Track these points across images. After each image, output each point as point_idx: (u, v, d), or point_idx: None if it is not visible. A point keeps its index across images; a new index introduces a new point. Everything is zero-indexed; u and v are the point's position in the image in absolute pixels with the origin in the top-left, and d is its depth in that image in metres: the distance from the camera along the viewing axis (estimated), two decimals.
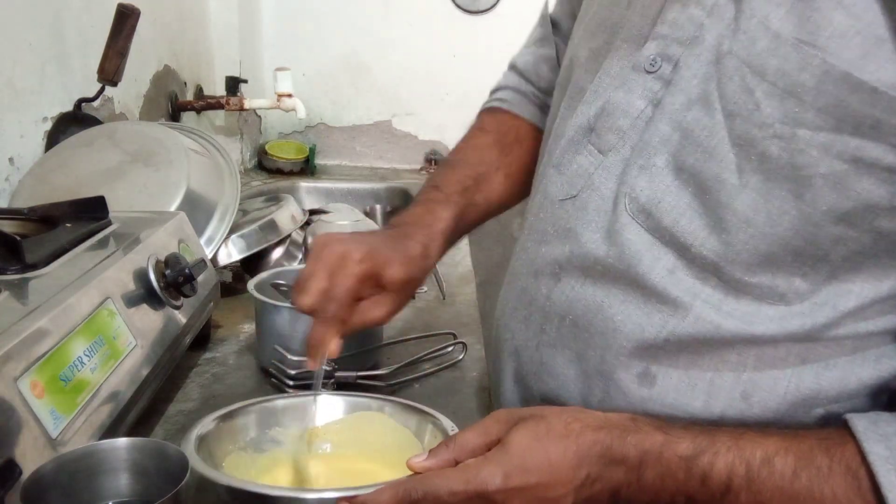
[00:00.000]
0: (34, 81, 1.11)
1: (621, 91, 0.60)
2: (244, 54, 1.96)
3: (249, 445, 0.67)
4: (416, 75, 2.19)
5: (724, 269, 0.54)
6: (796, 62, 0.48)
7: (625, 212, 0.58)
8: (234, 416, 0.68)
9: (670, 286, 0.56)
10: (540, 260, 0.65)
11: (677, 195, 0.55)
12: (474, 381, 0.92)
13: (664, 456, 0.50)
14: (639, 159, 0.57)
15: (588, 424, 0.53)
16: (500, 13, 2.13)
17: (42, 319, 0.59)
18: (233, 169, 1.18)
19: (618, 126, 0.60)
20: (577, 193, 0.62)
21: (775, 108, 0.49)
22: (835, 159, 0.48)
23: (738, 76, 0.51)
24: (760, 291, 0.54)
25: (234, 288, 1.18)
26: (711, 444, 0.50)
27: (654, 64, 0.57)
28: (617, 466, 0.51)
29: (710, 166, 0.53)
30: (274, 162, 2.05)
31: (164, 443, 0.57)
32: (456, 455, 0.54)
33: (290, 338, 0.87)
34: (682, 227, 0.55)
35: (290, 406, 0.71)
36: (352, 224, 1.24)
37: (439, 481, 0.51)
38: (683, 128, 0.55)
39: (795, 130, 0.49)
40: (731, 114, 0.52)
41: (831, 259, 0.51)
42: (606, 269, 0.59)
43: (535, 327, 0.66)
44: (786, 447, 0.49)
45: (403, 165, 2.25)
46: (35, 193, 1.00)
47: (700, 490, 0.50)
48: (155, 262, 0.80)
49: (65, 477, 0.53)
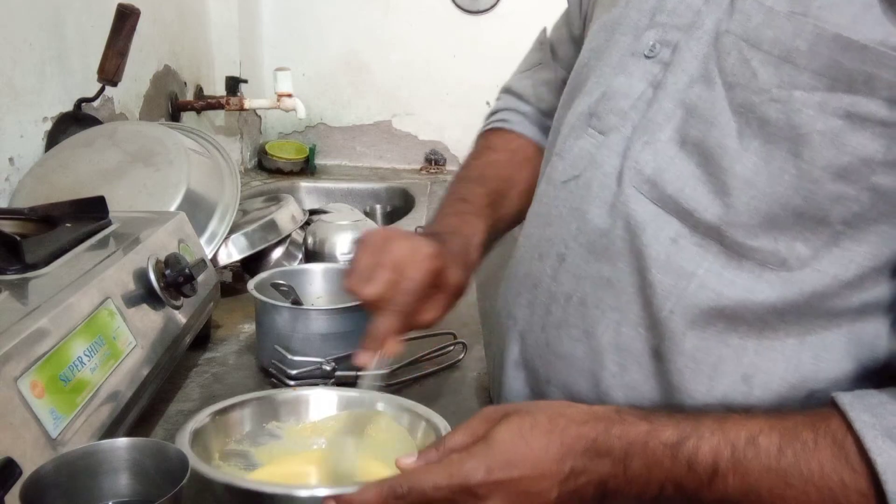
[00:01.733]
0: (34, 81, 1.11)
1: (621, 76, 0.62)
2: (244, 54, 1.96)
3: (245, 439, 0.68)
4: (416, 75, 2.19)
5: (726, 234, 0.55)
6: (790, 31, 0.51)
7: (629, 184, 0.59)
8: (229, 411, 0.68)
9: (673, 255, 0.57)
10: (545, 242, 0.66)
11: (682, 165, 0.57)
12: (474, 381, 0.92)
13: (649, 445, 0.51)
14: (643, 136, 0.59)
15: (573, 419, 0.53)
16: (500, 13, 2.13)
17: (42, 319, 0.59)
18: (233, 169, 1.18)
19: (619, 108, 0.62)
20: (579, 174, 0.63)
21: (772, 75, 0.52)
22: (830, 116, 0.50)
23: (736, 50, 0.54)
24: (762, 256, 0.55)
25: (234, 288, 1.18)
26: (695, 429, 0.51)
27: (654, 49, 0.60)
28: (602, 459, 0.51)
29: (713, 134, 0.55)
30: (274, 162, 2.05)
31: (164, 443, 0.57)
32: (443, 456, 0.54)
33: (290, 338, 0.87)
34: (686, 194, 0.56)
35: (287, 400, 0.71)
36: (352, 224, 1.24)
37: (423, 476, 0.52)
38: (687, 104, 0.57)
39: (791, 93, 0.51)
40: (731, 85, 0.54)
41: (831, 221, 0.52)
42: (612, 243, 0.60)
43: (540, 310, 0.66)
44: (770, 426, 0.50)
45: (403, 165, 2.25)
46: (35, 193, 1.00)
47: (687, 476, 0.50)
48: (155, 262, 0.80)
49: (65, 477, 0.53)
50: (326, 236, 1.22)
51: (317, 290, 1.00)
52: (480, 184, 0.80)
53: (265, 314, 0.90)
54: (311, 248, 1.23)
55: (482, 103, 2.21)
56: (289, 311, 0.88)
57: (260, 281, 0.93)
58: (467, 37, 2.15)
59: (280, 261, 1.23)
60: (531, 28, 0.91)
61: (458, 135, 2.24)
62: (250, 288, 0.90)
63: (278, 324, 0.88)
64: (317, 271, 1.01)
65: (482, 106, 2.22)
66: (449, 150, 2.26)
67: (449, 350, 0.98)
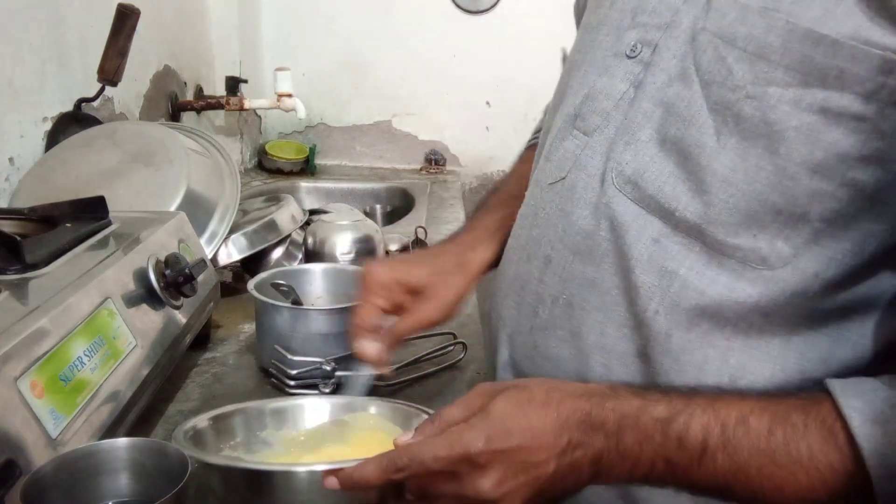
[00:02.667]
0: (34, 81, 1.11)
1: (604, 77, 0.63)
2: (244, 54, 1.96)
3: (239, 447, 0.68)
4: (416, 75, 2.19)
5: (707, 232, 0.55)
6: (763, 27, 0.51)
7: (612, 185, 0.60)
8: (223, 419, 0.68)
9: (656, 254, 0.58)
10: (531, 244, 0.67)
11: (661, 164, 0.57)
12: (474, 381, 0.92)
13: (641, 420, 0.51)
14: (624, 136, 0.60)
15: (569, 393, 0.54)
16: (500, 13, 2.13)
17: (42, 319, 0.59)
18: (233, 169, 1.18)
19: (601, 108, 0.62)
20: (565, 175, 0.64)
21: (746, 71, 0.52)
22: (804, 112, 0.50)
23: (712, 48, 0.54)
24: (743, 254, 0.55)
25: (234, 288, 1.18)
26: (687, 406, 0.51)
27: (635, 49, 0.61)
28: (596, 432, 0.52)
29: (691, 133, 0.55)
30: (274, 162, 2.05)
31: (164, 443, 0.57)
32: (441, 429, 0.54)
33: (290, 338, 0.87)
34: (665, 193, 0.57)
35: (280, 408, 0.72)
36: (352, 224, 1.24)
37: (423, 447, 0.52)
38: (665, 103, 0.57)
39: (766, 89, 0.51)
40: (707, 82, 0.54)
41: (811, 218, 0.52)
42: (596, 245, 0.61)
43: (527, 311, 0.67)
44: (761, 407, 0.50)
45: (403, 165, 2.25)
46: (35, 193, 1.00)
47: (677, 452, 0.50)
48: (155, 262, 0.80)
49: (65, 477, 0.53)
50: (326, 236, 1.22)
51: (317, 290, 1.00)
52: (497, 210, 0.82)
53: (265, 314, 0.90)
54: (311, 248, 1.23)
55: (482, 103, 2.22)
56: (289, 311, 0.88)
57: (260, 281, 0.93)
58: (467, 37, 2.15)
59: (280, 261, 1.23)
60: (531, 28, 0.91)
61: (458, 135, 2.24)
62: (250, 288, 0.90)
63: (278, 324, 0.88)
64: (317, 271, 1.01)
65: (482, 106, 2.23)
66: (449, 150, 2.26)
67: (449, 350, 0.98)
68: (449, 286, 0.74)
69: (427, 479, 0.52)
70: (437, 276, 0.74)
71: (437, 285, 0.73)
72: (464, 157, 2.25)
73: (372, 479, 0.52)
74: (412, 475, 0.52)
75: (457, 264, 0.76)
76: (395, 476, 0.52)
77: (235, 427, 0.69)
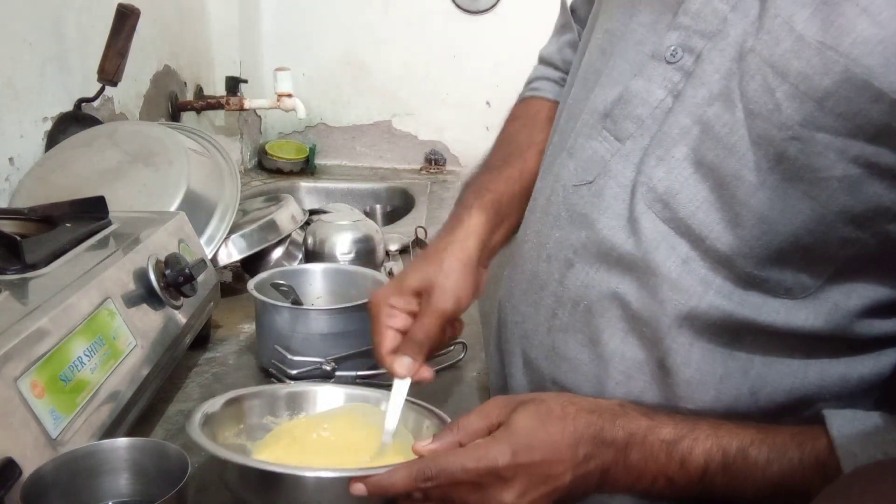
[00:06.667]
0: (34, 81, 1.11)
1: (640, 79, 0.60)
2: (244, 54, 1.96)
3: (244, 432, 0.68)
4: (416, 75, 2.19)
5: (735, 263, 0.55)
6: (819, 66, 0.48)
7: (641, 201, 0.58)
8: (237, 402, 0.68)
9: (684, 275, 0.57)
10: (552, 244, 0.65)
11: (695, 188, 0.55)
12: (474, 381, 0.92)
13: (648, 439, 0.54)
14: (657, 149, 0.57)
15: (582, 408, 0.56)
16: (500, 13, 2.13)
17: (42, 319, 0.59)
18: (233, 169, 1.18)
19: (636, 114, 0.59)
20: (592, 179, 0.62)
21: (795, 111, 0.50)
22: (850, 163, 0.49)
23: (761, 75, 0.51)
24: (769, 285, 0.55)
25: (234, 288, 1.18)
26: (692, 431, 0.54)
27: (675, 55, 0.57)
28: (608, 447, 0.55)
29: (730, 163, 0.53)
30: (274, 162, 2.05)
31: (164, 443, 0.57)
32: (460, 438, 0.57)
33: (290, 338, 0.87)
34: (698, 219, 0.55)
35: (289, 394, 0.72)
36: (352, 224, 1.24)
37: (452, 459, 0.54)
38: (704, 122, 0.55)
39: (814, 134, 0.49)
40: (752, 112, 0.52)
41: (837, 259, 0.53)
42: (622, 257, 0.59)
43: (546, 312, 0.66)
44: (761, 439, 0.52)
45: (403, 165, 2.25)
46: (35, 193, 1.00)
47: (679, 472, 0.54)
48: (155, 262, 0.80)
49: (65, 477, 0.53)
50: (326, 236, 1.22)
51: (317, 290, 1.00)
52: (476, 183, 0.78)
53: (265, 314, 0.90)
54: (311, 248, 1.23)
55: (482, 103, 2.21)
56: (289, 311, 0.88)
57: (260, 281, 0.93)
58: (467, 37, 2.15)
59: (280, 261, 1.23)
60: (531, 28, 0.91)
61: (457, 135, 2.24)
62: (250, 288, 0.90)
63: (278, 324, 0.88)
64: (317, 271, 1.01)
65: (482, 106, 2.23)
66: (449, 150, 2.26)
67: (449, 350, 0.98)
68: (448, 271, 0.69)
69: (452, 489, 0.54)
70: (432, 266, 0.70)
71: (437, 275, 0.69)
72: (464, 157, 2.25)
73: (401, 486, 0.54)
74: (438, 484, 0.53)
75: (445, 247, 0.70)
76: (423, 485, 0.53)
77: (245, 411, 0.69)
